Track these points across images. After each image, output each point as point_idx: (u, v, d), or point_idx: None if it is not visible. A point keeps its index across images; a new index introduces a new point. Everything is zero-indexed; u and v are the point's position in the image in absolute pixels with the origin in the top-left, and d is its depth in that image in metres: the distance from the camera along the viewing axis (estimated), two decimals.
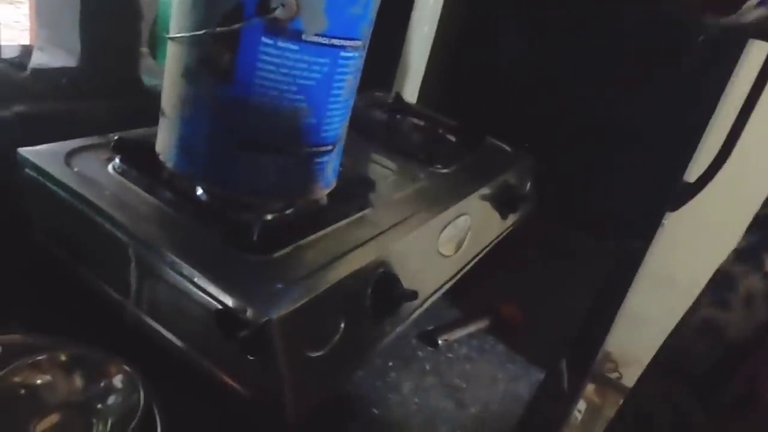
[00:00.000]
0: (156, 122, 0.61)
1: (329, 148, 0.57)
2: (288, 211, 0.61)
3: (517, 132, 1.05)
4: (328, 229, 0.60)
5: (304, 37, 0.49)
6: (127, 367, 0.50)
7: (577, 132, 1.17)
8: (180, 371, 0.54)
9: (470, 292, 0.82)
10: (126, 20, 0.79)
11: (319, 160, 0.57)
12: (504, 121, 1.13)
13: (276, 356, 0.47)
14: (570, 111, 1.17)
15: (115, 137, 0.61)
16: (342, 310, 0.55)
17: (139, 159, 0.60)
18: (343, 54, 0.52)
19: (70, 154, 0.61)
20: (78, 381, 0.51)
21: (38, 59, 0.76)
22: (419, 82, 1.34)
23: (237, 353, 0.48)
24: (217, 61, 0.50)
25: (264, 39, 0.48)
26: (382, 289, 0.59)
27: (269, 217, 0.59)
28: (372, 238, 0.61)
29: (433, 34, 1.34)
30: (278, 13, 0.47)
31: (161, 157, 0.57)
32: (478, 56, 1.29)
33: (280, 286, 0.50)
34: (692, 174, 1.13)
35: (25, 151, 0.59)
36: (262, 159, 0.54)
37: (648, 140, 1.15)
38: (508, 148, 1.02)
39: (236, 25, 0.48)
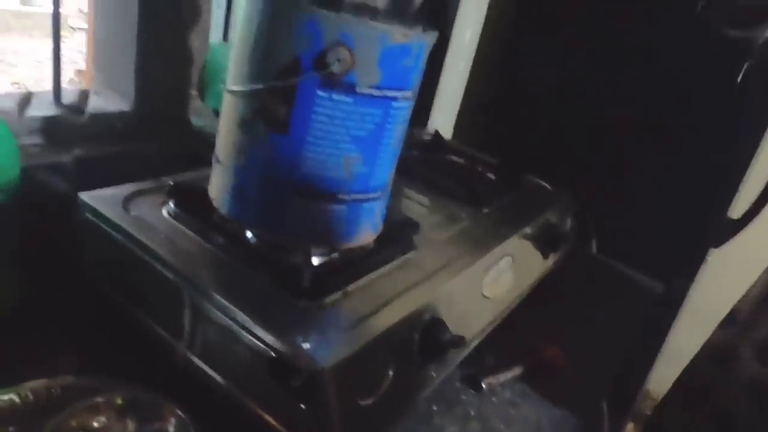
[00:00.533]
0: (204, 163, 0.63)
1: (378, 195, 0.58)
2: (335, 255, 0.62)
3: (557, 168, 1.05)
4: (375, 274, 0.61)
5: (357, 89, 0.50)
6: (179, 411, 0.51)
7: (618, 167, 1.16)
8: (230, 415, 0.54)
9: (513, 333, 0.81)
10: (178, 64, 0.82)
11: (367, 206, 0.58)
12: (543, 156, 1.13)
13: (328, 405, 0.48)
14: (610, 145, 1.17)
15: (170, 182, 0.63)
16: (391, 357, 0.55)
17: (192, 203, 0.61)
18: (394, 104, 0.53)
19: (128, 199, 0.63)
20: (132, 424, 0.52)
21: (95, 103, 0.79)
22: (455, 118, 1.35)
23: (288, 400, 0.49)
24: (273, 112, 0.51)
25: (319, 92, 0.50)
26: (430, 335, 0.58)
27: (317, 261, 0.60)
28: (418, 283, 0.61)
29: (468, 70, 1.35)
30: (334, 67, 0.48)
31: (214, 203, 0.59)
32: (514, 92, 1.29)
33: (331, 333, 0.50)
34: (736, 209, 1.11)
35: (85, 195, 0.61)
36: (313, 206, 0.55)
37: (690, 175, 1.13)
38: (547, 186, 1.01)
39: (293, 80, 0.49)
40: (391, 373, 0.54)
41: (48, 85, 0.76)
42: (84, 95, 0.80)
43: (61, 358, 0.58)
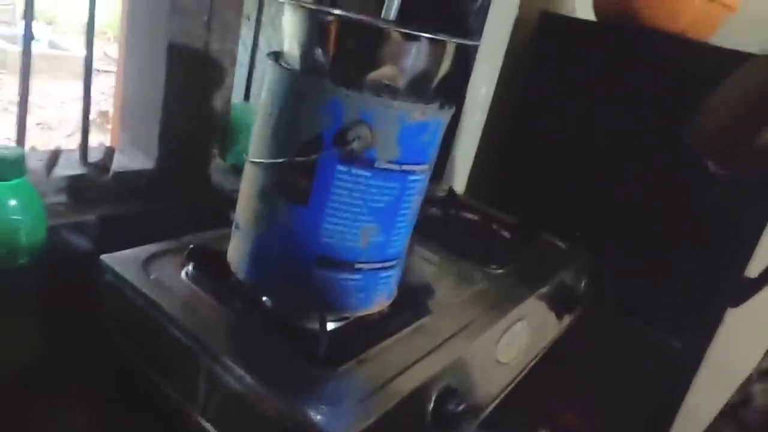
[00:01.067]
0: (225, 221, 0.64)
1: (394, 263, 0.59)
2: (350, 320, 0.62)
3: (572, 225, 1.05)
4: (390, 340, 0.61)
5: (376, 164, 0.52)
6: None
7: (634, 225, 1.16)
8: None
9: (528, 397, 0.81)
10: (201, 124, 0.85)
11: (384, 274, 0.58)
12: (557, 213, 1.13)
13: None
14: (626, 203, 1.17)
15: (190, 246, 0.64)
16: (405, 427, 0.54)
17: (210, 267, 0.62)
18: (411, 177, 0.54)
19: (148, 260, 0.64)
20: None
21: (119, 162, 0.81)
22: (468, 172, 1.37)
23: None
24: (293, 185, 0.53)
25: (339, 167, 0.51)
26: (443, 405, 0.58)
27: (332, 326, 0.60)
28: (432, 351, 0.61)
29: (482, 126, 1.38)
30: (355, 144, 0.50)
31: (232, 267, 0.60)
32: (527, 147, 1.31)
33: (345, 404, 0.50)
34: (754, 269, 1.10)
35: (106, 257, 0.62)
36: (330, 275, 0.55)
37: (707, 234, 1.13)
38: (562, 245, 1.01)
39: (314, 156, 0.51)
40: None
41: (70, 126, 0.79)
42: (109, 153, 0.82)
43: (78, 417, 0.59)
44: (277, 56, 0.55)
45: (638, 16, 1.16)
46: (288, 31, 0.53)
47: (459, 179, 1.36)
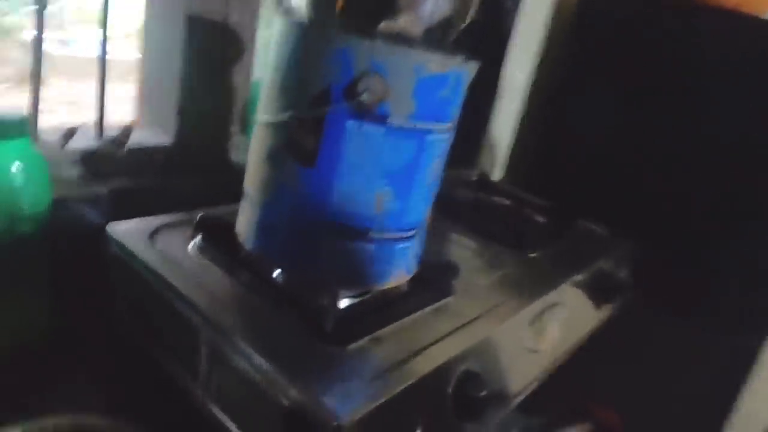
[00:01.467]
0: (242, 198, 0.61)
1: (412, 233, 0.54)
2: (366, 297, 0.58)
3: (614, 213, 0.98)
4: (407, 319, 0.56)
5: (389, 120, 0.47)
6: None
7: (682, 214, 1.08)
8: None
9: (561, 391, 0.74)
10: (221, 101, 0.82)
11: (401, 245, 0.54)
12: (598, 201, 1.06)
13: None
14: (674, 191, 1.09)
15: (198, 215, 0.61)
16: (419, 412, 0.50)
17: (219, 238, 0.59)
18: (429, 137, 0.50)
19: (155, 231, 0.61)
20: None
21: (137, 137, 0.79)
22: (505, 159, 1.31)
23: None
24: (300, 144, 0.49)
25: (349, 123, 0.47)
26: (465, 390, 0.53)
27: (346, 302, 0.56)
28: (454, 331, 0.56)
29: (521, 108, 1.31)
30: (365, 97, 0.45)
31: (240, 238, 0.56)
32: (569, 131, 1.24)
33: (354, 384, 0.46)
34: None
35: (112, 227, 0.60)
36: (342, 244, 0.51)
37: (761, 224, 1.04)
38: (603, 232, 0.95)
39: (323, 110, 0.47)
40: (419, 430, 0.49)
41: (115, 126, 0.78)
42: (127, 129, 0.80)
43: (85, 393, 0.57)
44: (285, 11, 0.51)
45: None
46: None
47: (495, 166, 1.30)
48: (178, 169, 0.79)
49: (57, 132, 0.75)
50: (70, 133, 0.76)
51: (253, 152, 0.54)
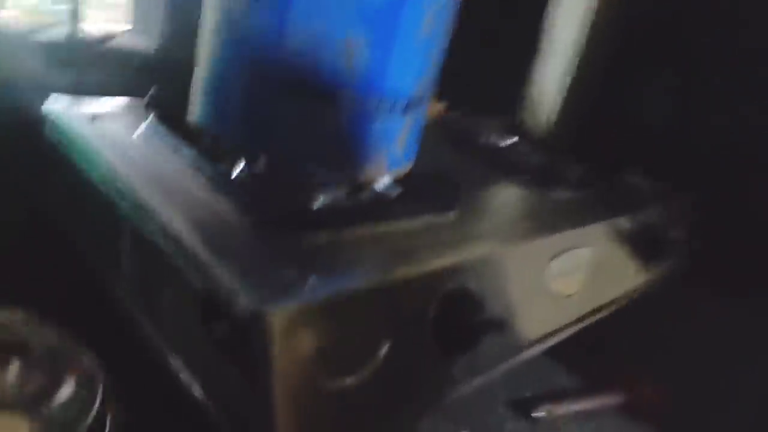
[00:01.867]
0: None
1: (395, 105, 0.42)
2: (334, 186, 0.45)
3: (668, 168, 0.83)
4: (392, 225, 0.44)
5: None
6: (90, 362, 0.38)
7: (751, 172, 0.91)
8: (163, 378, 0.39)
9: (593, 356, 0.60)
10: None
11: (383, 122, 0.42)
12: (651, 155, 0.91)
13: (267, 373, 0.31)
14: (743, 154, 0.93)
15: (150, 91, 0.51)
16: (387, 328, 0.38)
17: (173, 118, 0.49)
18: None
19: (100, 114, 0.52)
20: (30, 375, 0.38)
21: (121, 41, 0.71)
22: (549, 116, 1.16)
23: (219, 360, 0.33)
24: None
25: None
26: (453, 310, 0.41)
27: (321, 199, 0.44)
28: (449, 244, 0.44)
29: (573, 63, 1.17)
30: None
31: (190, 109, 0.46)
32: (623, 92, 1.09)
33: (294, 273, 0.34)
34: None
35: (49, 105, 0.51)
36: (306, 108, 0.40)
37: None
38: (656, 183, 0.80)
39: None
40: (384, 350, 0.37)
41: None
42: (109, 34, 0.72)
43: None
44: None
45: None
46: None
47: (537, 122, 1.16)
48: (154, 76, 0.70)
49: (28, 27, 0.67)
50: (43, 27, 0.68)
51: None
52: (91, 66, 0.65)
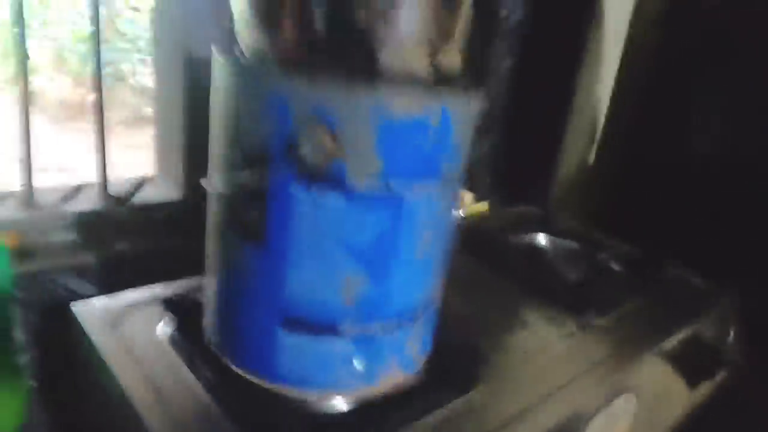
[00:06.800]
0: None
1: (401, 322, 0.41)
2: (348, 406, 0.45)
3: (712, 256, 0.79)
4: (412, 427, 0.43)
5: (349, 183, 0.35)
6: None
7: None
8: None
9: None
10: None
11: (388, 339, 0.41)
12: (692, 242, 0.87)
13: None
14: None
15: (165, 295, 0.52)
16: None
17: (188, 322, 0.50)
18: (409, 200, 0.37)
19: (123, 312, 0.53)
20: None
21: (147, 193, 0.73)
22: (578, 191, 1.13)
23: None
24: (244, 217, 0.38)
25: (294, 188, 0.35)
26: None
27: (340, 403, 0.44)
28: None
29: (599, 132, 1.13)
30: (308, 155, 0.34)
31: (204, 327, 0.46)
32: (657, 157, 1.05)
33: None
34: None
35: (76, 306, 0.52)
36: (308, 341, 0.40)
37: None
38: (698, 281, 0.75)
39: (261, 172, 0.36)
40: None
41: None
42: (138, 185, 0.74)
43: None
44: (229, 47, 0.41)
45: None
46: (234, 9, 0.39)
47: (566, 201, 1.12)
48: (179, 228, 0.71)
49: (62, 191, 0.71)
50: (74, 192, 0.71)
51: (208, 224, 0.44)
52: (122, 231, 0.68)
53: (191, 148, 0.72)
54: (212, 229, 0.42)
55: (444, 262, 0.43)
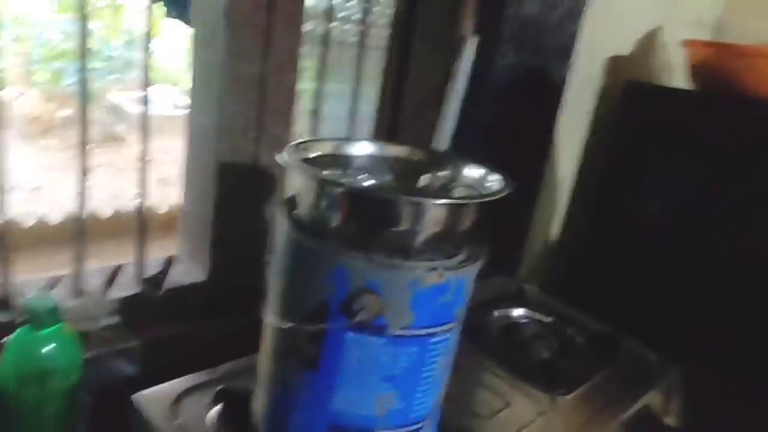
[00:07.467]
0: None
1: (419, 427, 0.53)
2: None
3: (663, 329, 0.93)
4: None
5: (389, 332, 0.47)
6: None
7: (743, 332, 1.00)
8: None
9: None
10: (253, 235, 0.85)
11: None
12: (645, 315, 1.01)
13: None
14: (732, 306, 1.02)
15: (217, 388, 0.62)
16: None
17: (238, 411, 0.60)
18: (433, 340, 0.49)
19: (178, 399, 0.63)
20: None
21: (175, 275, 0.83)
22: (548, 264, 1.27)
23: None
24: (303, 351, 0.49)
25: (348, 335, 0.47)
26: None
27: None
28: None
29: (564, 204, 1.28)
30: (361, 315, 0.45)
31: (255, 419, 0.57)
32: (616, 231, 1.19)
33: None
34: None
35: (138, 397, 0.62)
36: None
37: None
38: (650, 356, 0.89)
39: (322, 324, 0.47)
40: None
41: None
42: (166, 266, 0.84)
43: None
44: (290, 206, 0.52)
45: (744, 85, 1.02)
46: (297, 187, 0.51)
47: (537, 272, 1.26)
48: (211, 309, 0.81)
49: (100, 274, 0.79)
50: (113, 275, 0.80)
51: (264, 342, 0.55)
52: (158, 315, 0.77)
53: (218, 235, 0.82)
54: (270, 351, 0.53)
55: (447, 377, 0.54)
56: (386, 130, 1.06)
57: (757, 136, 1.00)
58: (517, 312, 0.96)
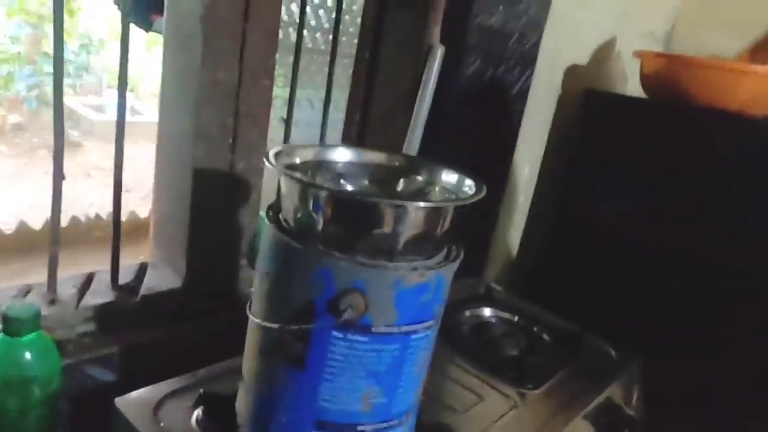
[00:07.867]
0: None
1: (401, 420, 0.55)
2: None
3: (622, 325, 0.98)
4: None
5: (373, 329, 0.49)
6: None
7: (699, 326, 1.06)
8: None
9: None
10: (228, 240, 0.86)
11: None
12: (606, 312, 1.06)
13: None
14: (690, 299, 1.08)
15: (200, 391, 0.63)
16: None
17: (220, 414, 0.61)
18: (414, 336, 0.52)
19: (160, 403, 0.63)
20: None
21: (149, 281, 0.83)
22: (514, 263, 1.31)
23: None
24: (290, 349, 0.51)
25: (334, 333, 0.49)
26: None
27: None
28: None
29: (527, 207, 1.33)
30: (347, 314, 0.47)
31: (239, 419, 0.58)
32: (576, 233, 1.24)
33: None
34: None
35: (119, 401, 0.62)
36: None
37: None
38: (611, 351, 0.93)
39: (308, 323, 0.49)
40: None
41: (146, 188, 0.81)
42: (141, 273, 0.84)
43: None
44: (275, 209, 0.54)
45: (691, 95, 1.09)
46: (282, 192, 0.53)
47: (504, 272, 1.31)
48: (187, 314, 0.82)
49: (73, 282, 0.79)
50: (87, 282, 0.80)
51: (248, 341, 0.57)
52: (133, 321, 0.78)
53: (193, 242, 0.83)
54: (255, 351, 0.54)
55: (425, 372, 0.57)
56: (356, 136, 1.09)
57: (702, 141, 1.07)
58: (487, 312, 0.99)
